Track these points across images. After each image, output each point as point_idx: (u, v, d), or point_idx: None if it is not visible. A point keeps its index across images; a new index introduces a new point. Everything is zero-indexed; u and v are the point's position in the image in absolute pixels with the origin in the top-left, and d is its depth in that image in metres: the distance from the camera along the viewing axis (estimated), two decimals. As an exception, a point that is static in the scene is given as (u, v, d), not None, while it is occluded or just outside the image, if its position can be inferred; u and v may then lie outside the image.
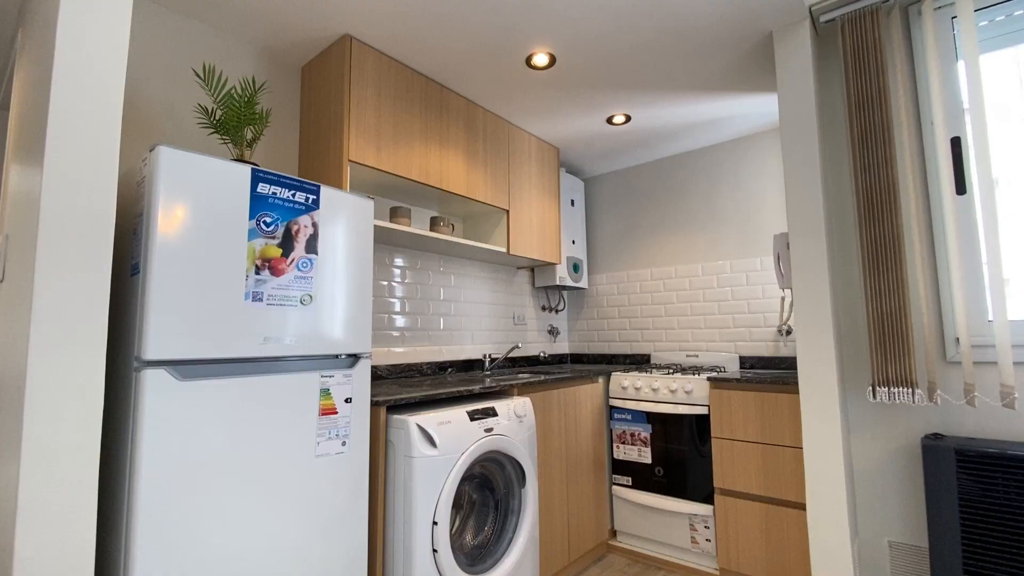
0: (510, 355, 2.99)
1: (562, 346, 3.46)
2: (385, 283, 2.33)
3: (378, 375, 2.24)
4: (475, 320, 2.79)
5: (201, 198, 1.14)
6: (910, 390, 1.59)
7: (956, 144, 1.69)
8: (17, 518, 0.88)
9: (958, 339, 1.66)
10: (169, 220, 1.09)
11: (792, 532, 2.00)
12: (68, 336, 0.95)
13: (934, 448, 1.55)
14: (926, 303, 1.65)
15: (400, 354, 2.36)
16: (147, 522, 1.02)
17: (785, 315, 2.57)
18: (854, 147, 1.72)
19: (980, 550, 1.48)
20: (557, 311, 3.44)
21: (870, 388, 1.66)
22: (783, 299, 2.22)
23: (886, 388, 1.63)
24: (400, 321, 2.38)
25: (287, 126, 2.05)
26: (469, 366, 2.71)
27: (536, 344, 3.23)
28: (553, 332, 3.37)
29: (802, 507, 2.00)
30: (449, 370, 2.58)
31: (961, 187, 1.68)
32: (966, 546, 1.50)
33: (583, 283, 3.26)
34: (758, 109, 2.51)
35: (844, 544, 1.63)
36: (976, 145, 1.58)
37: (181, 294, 1.09)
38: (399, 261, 2.41)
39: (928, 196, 1.73)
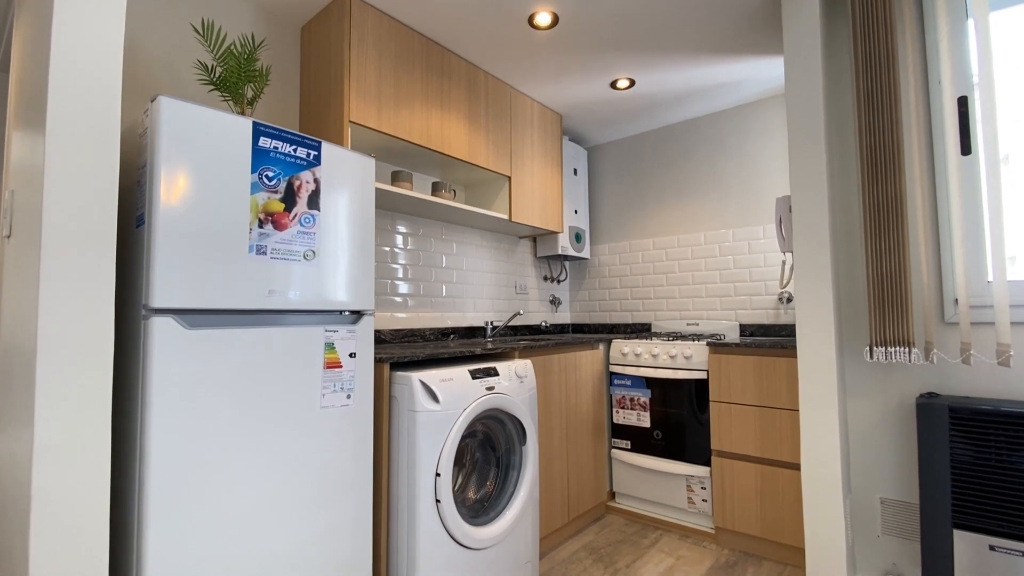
0: (512, 324, 3.01)
1: (563, 316, 3.49)
2: (387, 249, 2.35)
3: (381, 339, 2.27)
4: (477, 288, 2.81)
5: (203, 149, 1.14)
6: (907, 349, 1.61)
7: (963, 104, 1.66)
8: (33, 459, 0.91)
9: (956, 300, 1.67)
10: (172, 170, 1.10)
11: (786, 491, 2.05)
12: (77, 285, 0.97)
13: (928, 406, 1.57)
14: (926, 264, 1.66)
15: (403, 319, 2.39)
16: (159, 465, 1.05)
17: (785, 279, 2.58)
18: (860, 106, 1.70)
19: (970, 504, 1.51)
20: (559, 281, 3.45)
21: (867, 348, 1.67)
22: (784, 263, 2.23)
23: (883, 348, 1.64)
24: (403, 287, 2.40)
25: (287, 88, 2.04)
26: (471, 333, 2.74)
27: (538, 314, 3.25)
28: (555, 302, 3.39)
29: (797, 467, 2.04)
30: (451, 336, 2.61)
31: (966, 147, 1.67)
32: (956, 501, 1.53)
33: (585, 253, 3.27)
34: (763, 73, 2.47)
35: (837, 501, 1.68)
36: (983, 105, 1.56)
37: (186, 244, 1.11)
38: (401, 227, 2.42)
39: (933, 157, 1.72)
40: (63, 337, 0.95)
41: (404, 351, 1.73)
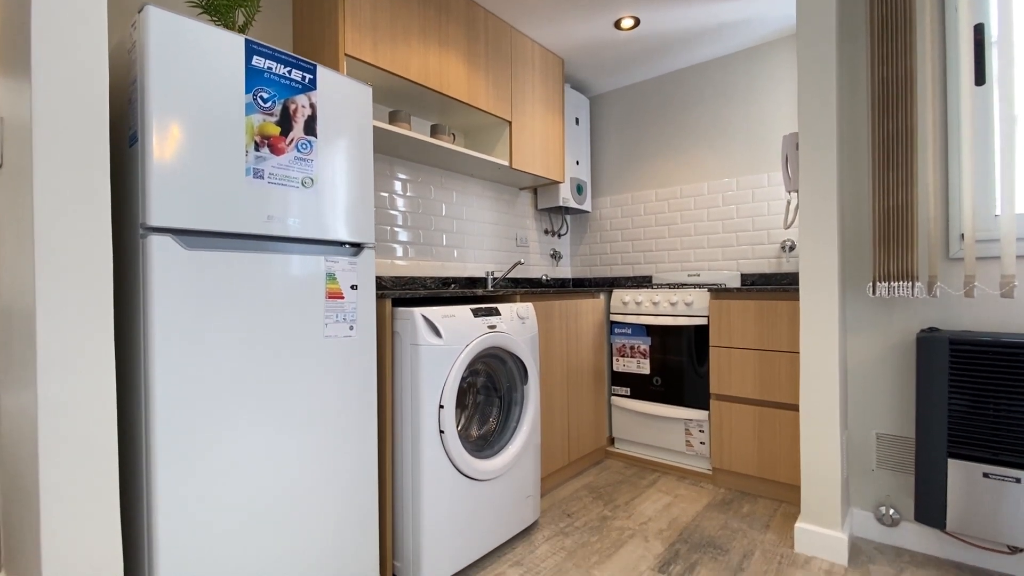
0: (513, 276, 3.00)
1: (564, 271, 3.48)
2: (386, 195, 2.31)
3: (382, 285, 2.26)
4: (477, 239, 2.79)
5: (195, 65, 1.10)
6: (910, 283, 1.60)
7: (979, 31, 1.61)
8: (38, 382, 0.91)
9: (963, 235, 1.65)
10: (163, 86, 1.06)
11: (783, 431, 2.09)
12: (72, 204, 0.95)
13: (929, 340, 1.58)
14: (934, 199, 1.63)
15: (403, 267, 2.38)
16: (163, 384, 1.05)
17: (790, 218, 2.56)
18: (873, 36, 1.65)
19: (966, 434, 1.54)
20: (560, 235, 3.43)
21: (870, 284, 1.67)
22: (788, 203, 2.21)
23: (886, 283, 1.64)
24: (402, 235, 2.38)
25: (279, 19, 1.96)
26: (472, 283, 2.73)
27: (539, 267, 3.24)
28: (555, 256, 3.37)
29: (794, 408, 2.07)
30: (452, 286, 2.61)
31: (980, 77, 1.62)
32: (952, 431, 1.55)
33: (586, 206, 3.23)
34: (772, 11, 2.39)
35: (833, 437, 1.70)
36: (1000, 32, 1.51)
37: (181, 163, 1.08)
38: (400, 174, 2.37)
39: (946, 88, 1.67)
40: (61, 257, 0.94)
41: (405, 293, 1.72)
